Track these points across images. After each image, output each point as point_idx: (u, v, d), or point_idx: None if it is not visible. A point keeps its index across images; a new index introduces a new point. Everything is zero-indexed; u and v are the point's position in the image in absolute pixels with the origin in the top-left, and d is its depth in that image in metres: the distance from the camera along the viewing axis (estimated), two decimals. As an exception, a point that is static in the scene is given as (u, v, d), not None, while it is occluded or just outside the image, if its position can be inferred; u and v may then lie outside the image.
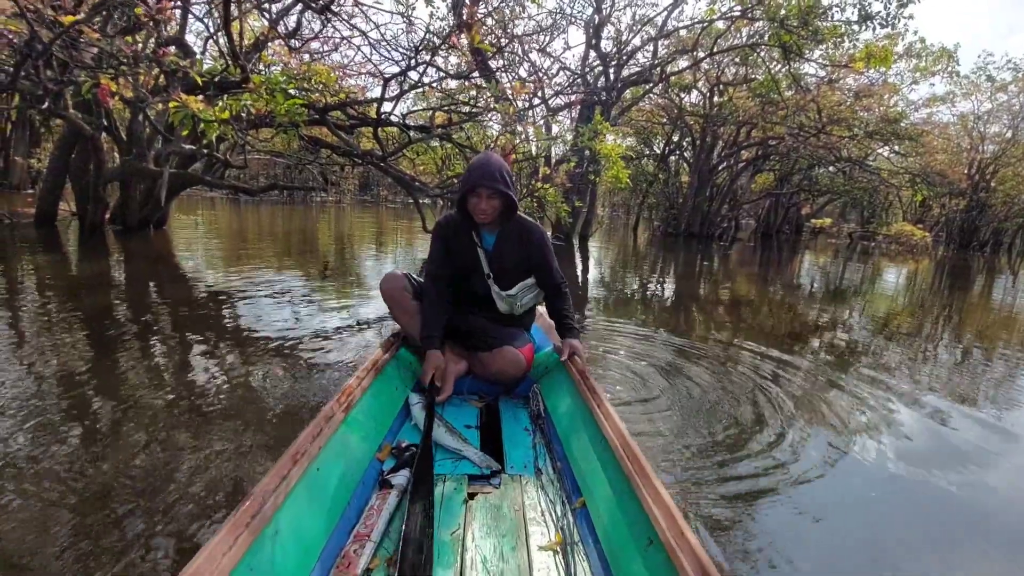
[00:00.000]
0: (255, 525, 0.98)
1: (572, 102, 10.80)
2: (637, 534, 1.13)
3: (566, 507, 1.38)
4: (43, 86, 3.46)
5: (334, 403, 1.46)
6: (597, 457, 1.45)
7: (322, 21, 6.43)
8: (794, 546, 1.67)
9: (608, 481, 1.35)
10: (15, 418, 2.07)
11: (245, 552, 0.93)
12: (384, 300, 2.09)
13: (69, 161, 6.97)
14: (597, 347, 3.65)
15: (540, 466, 1.58)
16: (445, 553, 1.17)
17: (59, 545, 1.41)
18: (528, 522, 1.31)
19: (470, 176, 1.86)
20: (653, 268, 9.33)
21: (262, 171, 20.22)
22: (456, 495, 1.40)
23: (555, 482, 1.50)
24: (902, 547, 1.74)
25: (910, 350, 4.44)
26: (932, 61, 15.77)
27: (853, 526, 1.81)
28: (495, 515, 1.33)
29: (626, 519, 1.20)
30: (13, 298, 3.86)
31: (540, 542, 1.24)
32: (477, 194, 1.86)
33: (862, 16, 9.03)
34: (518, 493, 1.44)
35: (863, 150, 16.95)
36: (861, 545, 1.71)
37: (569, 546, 1.23)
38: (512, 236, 1.99)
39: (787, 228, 25.90)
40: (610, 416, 1.49)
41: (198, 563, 0.84)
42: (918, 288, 9.48)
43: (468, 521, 1.30)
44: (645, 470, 1.21)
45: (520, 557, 1.19)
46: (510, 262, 2.01)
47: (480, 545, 1.21)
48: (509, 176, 1.88)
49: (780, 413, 2.72)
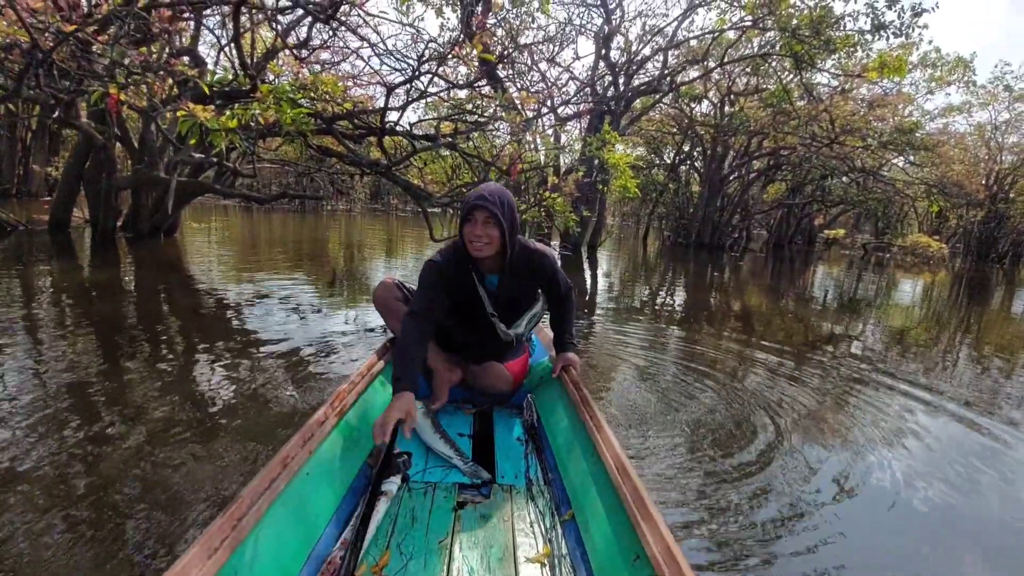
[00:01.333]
0: (241, 529, 0.97)
1: (581, 112, 10.82)
2: (624, 548, 1.12)
3: (555, 519, 1.37)
4: (54, 95, 3.52)
5: (327, 408, 1.46)
6: (588, 470, 1.44)
7: (330, 31, 6.50)
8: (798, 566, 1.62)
9: (598, 494, 1.33)
10: (23, 419, 2.09)
11: (228, 558, 0.93)
12: (377, 308, 2.08)
13: (83, 169, 7.10)
14: (602, 360, 3.60)
15: (531, 477, 1.56)
16: (432, 562, 1.17)
17: (54, 548, 1.41)
18: (516, 533, 1.30)
19: (467, 199, 1.70)
20: (663, 279, 9.25)
21: (274, 180, 20.46)
22: (445, 504, 1.39)
23: (545, 494, 1.48)
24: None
25: (929, 362, 4.34)
26: (948, 71, 15.65)
27: (857, 547, 1.75)
28: (484, 525, 1.32)
29: (614, 533, 1.18)
30: (25, 303, 3.91)
31: (528, 554, 1.23)
32: (473, 219, 1.67)
33: (875, 26, 8.96)
34: (508, 504, 1.42)
35: (877, 160, 16.76)
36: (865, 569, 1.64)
37: (556, 558, 1.22)
38: (519, 270, 1.82)
39: (799, 239, 25.65)
40: (603, 430, 1.48)
41: (177, 570, 0.83)
42: (935, 300, 9.30)
43: (456, 531, 1.29)
44: (635, 485, 1.19)
45: (507, 568, 1.17)
46: (518, 293, 1.91)
47: (467, 555, 1.20)
48: (512, 208, 1.70)
49: (784, 426, 2.67)
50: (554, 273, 1.89)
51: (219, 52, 7.58)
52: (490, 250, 1.70)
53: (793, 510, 1.90)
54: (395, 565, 1.15)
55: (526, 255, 1.82)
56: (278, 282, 5.43)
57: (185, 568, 0.83)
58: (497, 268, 1.80)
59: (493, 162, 6.58)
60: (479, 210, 1.65)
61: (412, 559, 1.17)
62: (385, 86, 5.20)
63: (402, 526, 1.28)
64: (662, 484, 1.99)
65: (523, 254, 1.81)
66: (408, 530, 1.27)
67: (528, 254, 1.83)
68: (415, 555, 1.19)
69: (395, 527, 1.28)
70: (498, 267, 1.79)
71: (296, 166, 9.73)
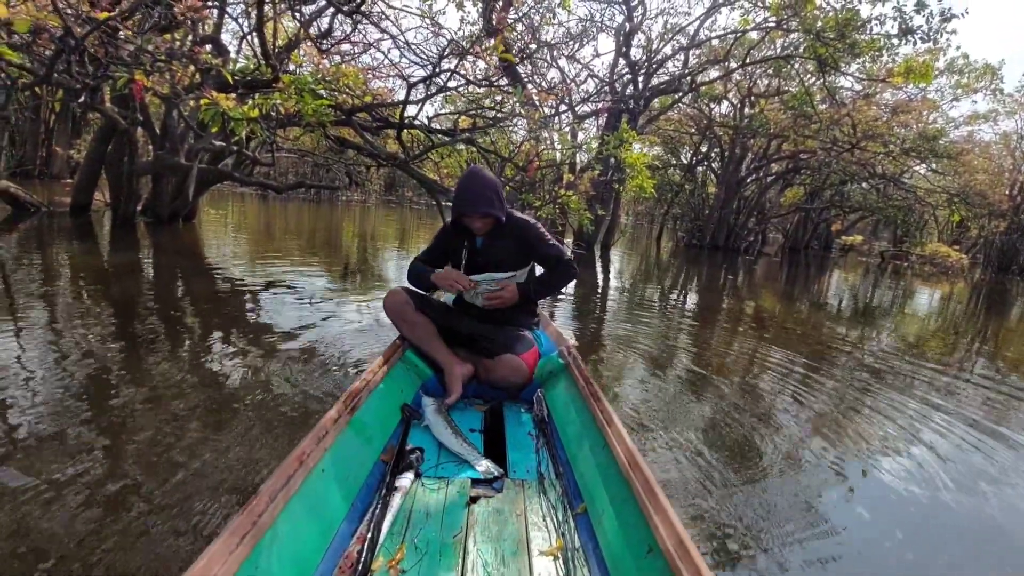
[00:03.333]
0: (260, 525, 0.99)
1: (599, 110, 10.75)
2: (637, 542, 1.13)
3: (567, 513, 1.38)
4: (80, 80, 3.57)
5: (339, 405, 1.48)
6: (599, 464, 1.45)
7: (352, 23, 6.52)
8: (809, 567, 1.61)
9: (610, 488, 1.35)
10: (40, 397, 2.13)
11: (249, 553, 0.95)
12: (388, 314, 2.15)
13: (105, 154, 7.20)
14: (613, 358, 3.60)
15: (543, 471, 1.57)
16: (447, 557, 1.18)
17: (65, 535, 1.43)
18: (530, 527, 1.31)
19: (456, 202, 2.01)
20: (675, 281, 9.20)
21: (292, 169, 20.63)
22: (459, 499, 1.40)
23: (557, 488, 1.49)
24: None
25: (943, 374, 4.27)
26: (975, 78, 15.31)
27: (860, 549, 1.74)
28: (497, 520, 1.33)
29: (627, 526, 1.19)
30: (45, 283, 3.98)
31: (541, 547, 1.24)
32: (468, 216, 2.00)
33: (903, 30, 8.78)
34: (520, 498, 1.44)
35: (898, 167, 16.47)
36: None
37: (570, 552, 1.23)
38: (506, 234, 2.07)
39: (816, 244, 25.33)
40: (613, 423, 1.49)
41: (202, 564, 0.85)
42: (952, 311, 9.15)
43: (470, 525, 1.30)
44: (647, 478, 1.20)
45: (521, 562, 1.19)
46: (502, 256, 2.07)
47: (481, 549, 1.22)
48: (495, 191, 1.99)
49: (795, 429, 2.65)
50: (538, 240, 2.06)
51: (241, 41, 7.63)
52: (488, 228, 2.06)
53: (803, 510, 1.90)
54: (411, 559, 1.16)
55: (512, 223, 2.07)
56: (293, 270, 5.48)
57: (209, 563, 0.86)
58: (485, 231, 2.08)
59: (510, 158, 6.58)
60: (468, 217, 2.00)
61: (427, 554, 1.18)
62: (405, 80, 5.22)
63: (416, 521, 1.30)
64: (671, 479, 1.98)
65: (509, 222, 2.07)
66: (422, 525, 1.28)
67: (513, 222, 2.08)
68: (430, 550, 1.20)
69: (410, 522, 1.29)
70: (487, 231, 2.08)
71: (314, 156, 9.79)
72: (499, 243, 2.07)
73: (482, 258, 2.08)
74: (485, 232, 2.07)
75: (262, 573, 0.97)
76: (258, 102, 3.79)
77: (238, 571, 0.91)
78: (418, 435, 1.72)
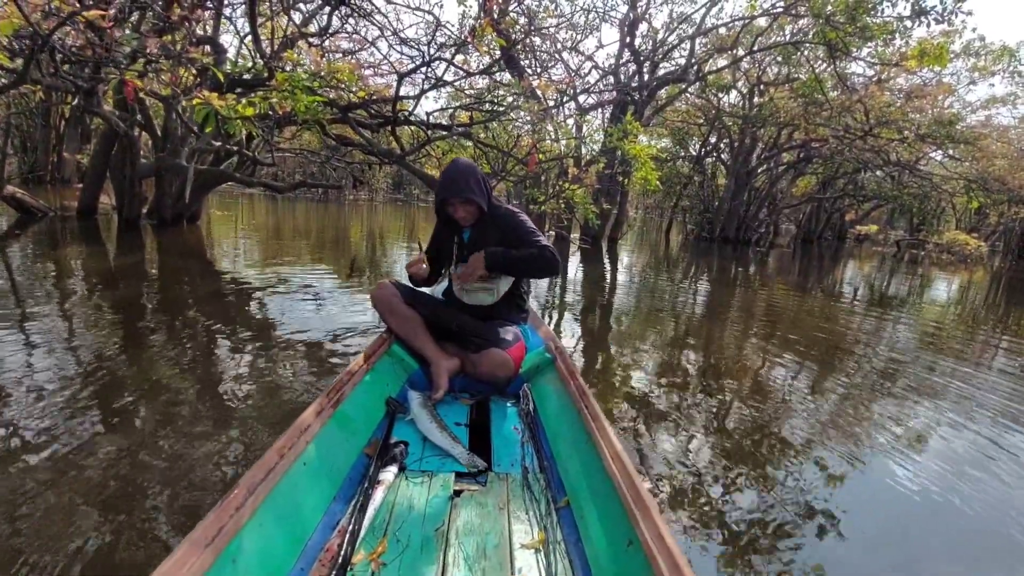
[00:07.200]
0: (238, 517, 1.00)
1: (603, 101, 10.63)
2: (618, 534, 1.15)
3: (551, 506, 1.38)
4: (71, 82, 3.55)
5: (323, 398, 1.49)
6: (583, 458, 1.46)
7: (340, 18, 6.45)
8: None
9: (592, 482, 1.36)
10: (43, 394, 2.14)
11: (227, 544, 0.95)
12: (376, 307, 2.15)
13: (109, 157, 7.24)
14: (616, 353, 3.53)
15: (527, 465, 1.57)
16: (428, 550, 1.18)
17: (64, 527, 1.43)
18: (512, 520, 1.32)
19: (440, 189, 2.02)
20: (685, 275, 9.06)
21: (298, 169, 20.71)
22: (442, 492, 1.40)
23: (541, 481, 1.49)
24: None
25: (965, 368, 4.15)
26: (992, 60, 14.87)
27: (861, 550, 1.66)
28: (480, 513, 1.34)
29: (608, 519, 1.21)
30: (52, 285, 4.01)
31: (523, 540, 1.25)
32: (452, 204, 2.01)
33: (916, 11, 8.56)
34: (504, 492, 1.43)
35: (914, 154, 16.10)
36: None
37: (551, 545, 1.23)
38: (489, 224, 2.07)
39: (829, 234, 24.94)
40: (598, 418, 1.50)
41: (180, 553, 0.86)
42: (971, 300, 8.93)
43: (453, 518, 1.30)
44: (629, 472, 1.22)
45: (502, 555, 1.19)
46: (490, 245, 2.05)
47: (463, 542, 1.22)
48: (479, 179, 2.01)
49: (796, 426, 2.60)
50: (518, 226, 2.03)
51: (241, 41, 7.63)
52: (473, 219, 2.06)
53: (797, 507, 1.85)
54: (392, 552, 1.16)
55: (497, 213, 2.08)
56: (299, 270, 5.47)
57: (182, 557, 0.86)
58: (471, 222, 2.09)
59: (511, 152, 6.50)
60: (450, 205, 2.01)
61: (408, 546, 1.18)
62: (398, 73, 5.13)
63: (399, 514, 1.29)
64: (665, 477, 1.93)
65: (495, 213, 2.07)
66: (405, 518, 1.28)
67: (498, 212, 2.08)
68: (411, 542, 1.20)
69: (392, 515, 1.29)
70: (472, 222, 2.09)
71: (317, 155, 9.78)
72: (486, 234, 2.07)
73: (470, 250, 2.07)
74: (471, 223, 2.08)
75: (240, 567, 0.97)
76: (253, 100, 3.75)
77: (214, 563, 0.91)
78: (403, 429, 1.71)
